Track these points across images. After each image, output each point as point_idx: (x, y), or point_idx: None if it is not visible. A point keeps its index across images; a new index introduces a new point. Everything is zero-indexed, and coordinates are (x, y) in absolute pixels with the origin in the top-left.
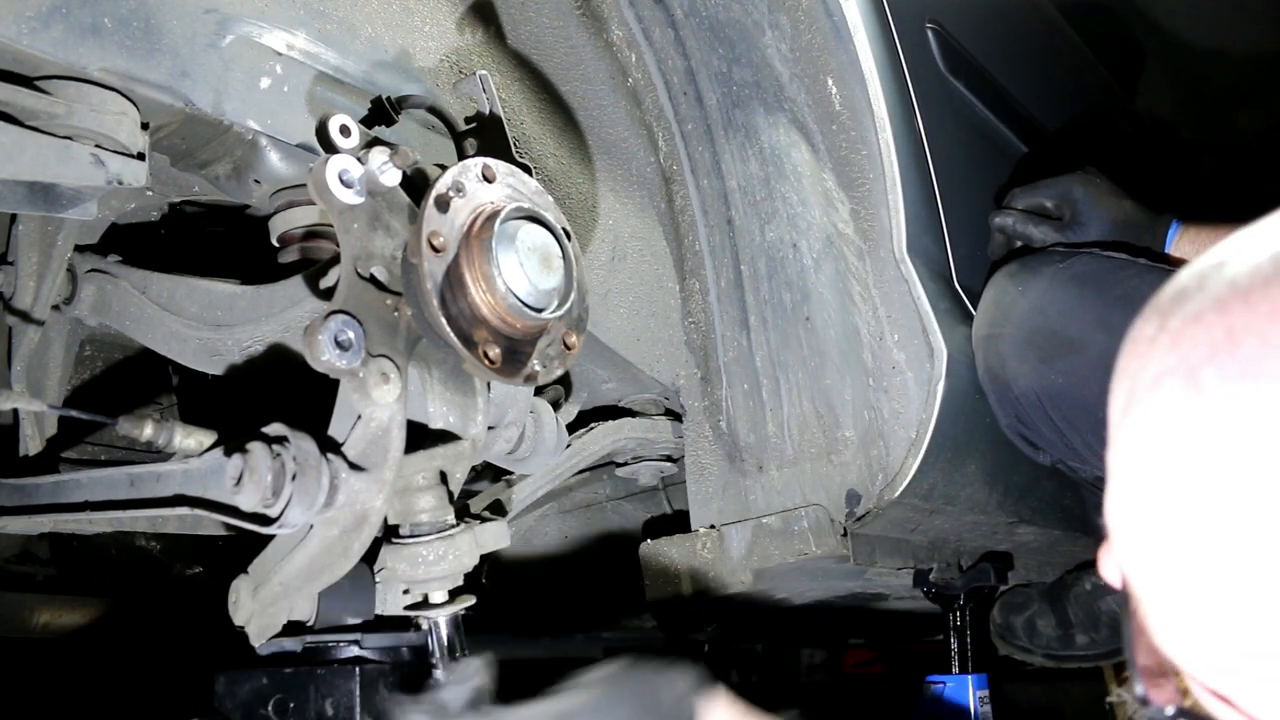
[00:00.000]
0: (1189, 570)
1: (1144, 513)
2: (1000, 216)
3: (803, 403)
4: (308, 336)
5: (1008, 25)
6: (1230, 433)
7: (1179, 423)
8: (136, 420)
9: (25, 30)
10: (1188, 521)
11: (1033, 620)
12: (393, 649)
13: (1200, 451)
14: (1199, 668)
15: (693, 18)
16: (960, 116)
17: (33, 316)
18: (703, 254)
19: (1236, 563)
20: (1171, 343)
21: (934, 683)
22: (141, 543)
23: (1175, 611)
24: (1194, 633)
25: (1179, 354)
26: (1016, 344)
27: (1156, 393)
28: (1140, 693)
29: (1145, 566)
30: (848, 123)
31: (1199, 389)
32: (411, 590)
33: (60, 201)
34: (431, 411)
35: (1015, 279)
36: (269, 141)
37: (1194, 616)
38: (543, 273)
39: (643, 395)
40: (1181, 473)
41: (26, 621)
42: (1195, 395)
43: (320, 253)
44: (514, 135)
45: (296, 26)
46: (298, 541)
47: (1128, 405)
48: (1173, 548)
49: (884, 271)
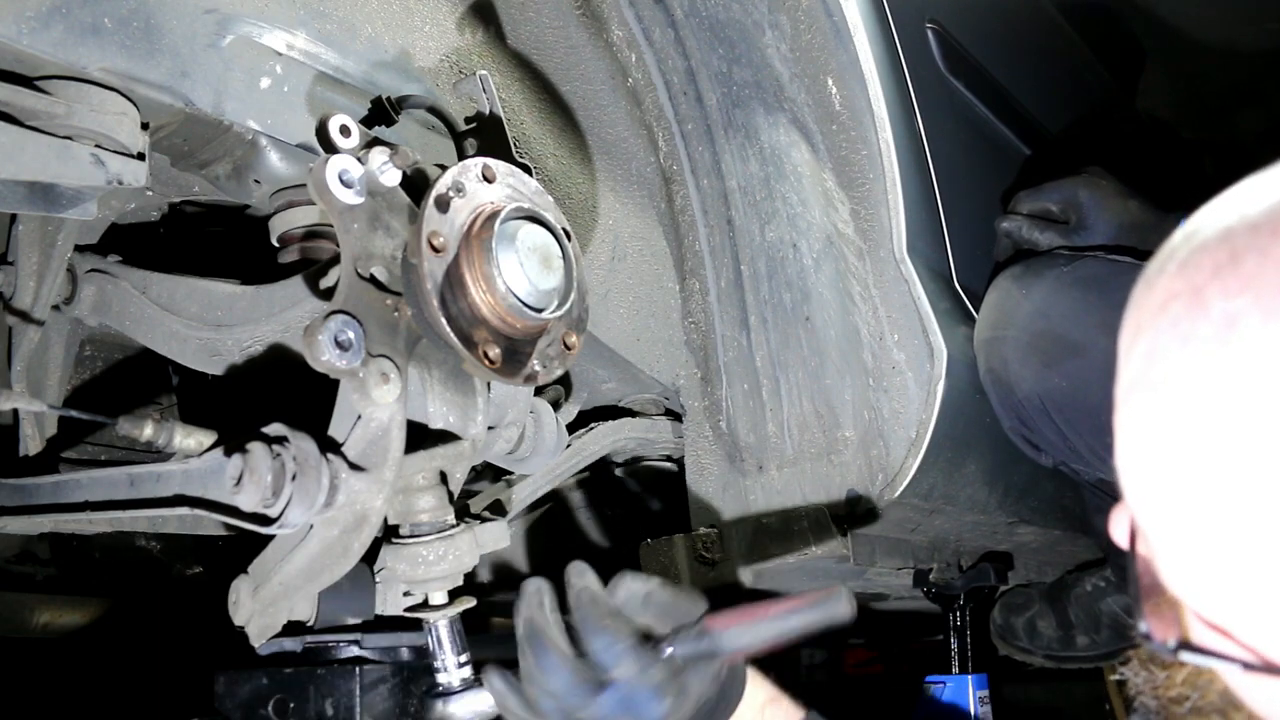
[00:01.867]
0: (1194, 494)
1: (1151, 438)
2: (1006, 221)
3: (803, 403)
4: (308, 336)
5: (1008, 25)
6: (1235, 349)
7: (1184, 342)
8: (136, 420)
9: (25, 30)
10: (1195, 444)
11: (1033, 621)
12: (393, 649)
13: (1205, 369)
14: (1202, 600)
15: (693, 18)
16: (960, 116)
17: (33, 316)
18: (703, 254)
19: (1241, 485)
20: (1178, 269)
21: (934, 683)
22: (141, 543)
23: (1180, 540)
24: (1198, 562)
25: (1185, 278)
26: (1020, 347)
27: (1162, 315)
28: (1144, 629)
29: (1151, 494)
30: (848, 123)
31: (1203, 306)
32: (412, 591)
33: (60, 201)
34: (431, 411)
35: (1019, 281)
36: (269, 141)
37: (1198, 545)
38: (543, 273)
39: (643, 395)
40: (1187, 393)
41: (26, 621)
42: (1199, 312)
43: (320, 253)
44: (514, 135)
45: (296, 26)
46: (298, 541)
47: (1135, 333)
48: (1179, 472)
49: (884, 271)
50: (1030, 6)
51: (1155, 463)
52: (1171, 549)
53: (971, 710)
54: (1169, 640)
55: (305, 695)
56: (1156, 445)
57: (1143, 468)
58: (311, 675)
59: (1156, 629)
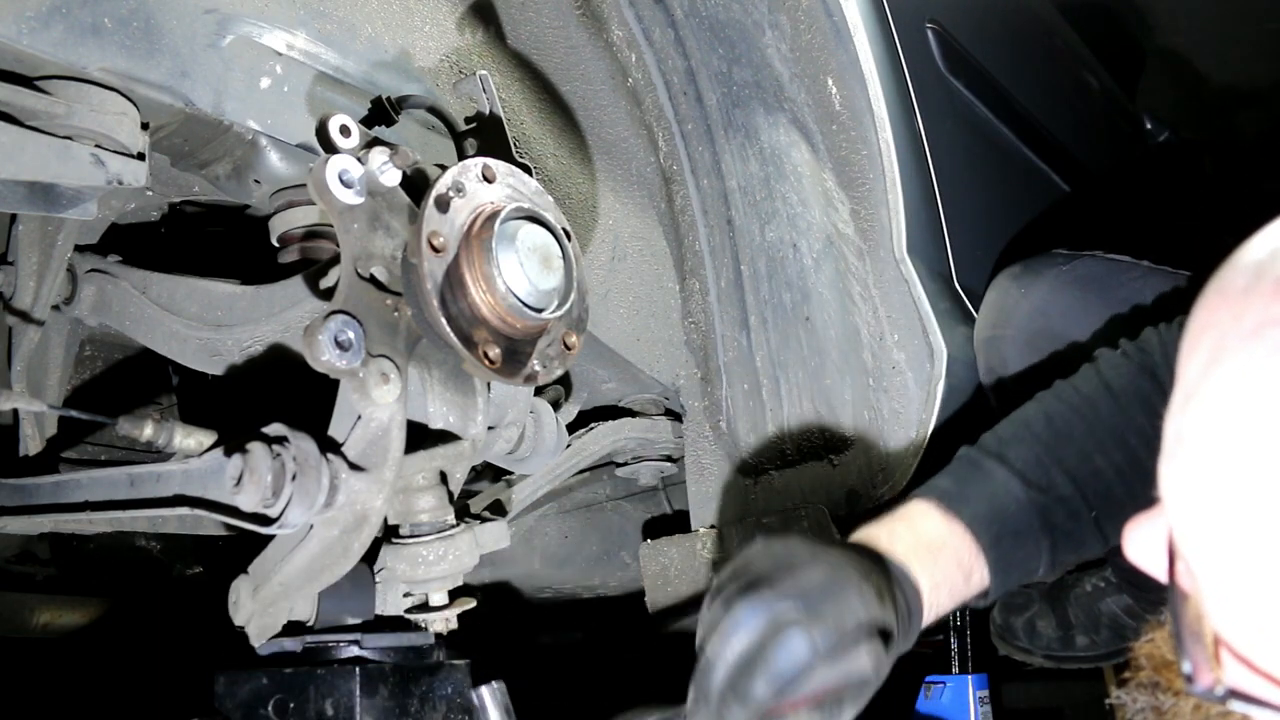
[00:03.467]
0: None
1: (1241, 473)
2: None
3: (803, 403)
4: (308, 336)
5: (1008, 25)
6: None
7: None
8: (136, 420)
9: (25, 30)
10: None
11: (1033, 621)
12: (393, 649)
13: None
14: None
15: (693, 18)
16: (960, 116)
17: (33, 316)
18: (703, 254)
19: None
20: (1274, 292)
21: (934, 683)
22: (141, 543)
23: (1249, 584)
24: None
25: None
26: (1019, 346)
27: (1257, 341)
28: (1187, 670)
29: (1214, 529)
30: (848, 123)
31: None
32: (412, 591)
33: (60, 201)
34: (431, 411)
35: (1018, 281)
36: (269, 141)
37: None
38: (543, 273)
39: (643, 395)
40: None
41: (26, 621)
42: None
43: (320, 253)
44: (514, 135)
45: (296, 26)
46: (298, 541)
47: (1216, 357)
48: (1255, 512)
49: (884, 271)
50: (1030, 7)
51: (1229, 497)
52: (1238, 596)
53: (971, 710)
54: (1217, 687)
55: (305, 695)
56: (1235, 478)
57: (1210, 501)
58: (311, 675)
59: (1201, 672)
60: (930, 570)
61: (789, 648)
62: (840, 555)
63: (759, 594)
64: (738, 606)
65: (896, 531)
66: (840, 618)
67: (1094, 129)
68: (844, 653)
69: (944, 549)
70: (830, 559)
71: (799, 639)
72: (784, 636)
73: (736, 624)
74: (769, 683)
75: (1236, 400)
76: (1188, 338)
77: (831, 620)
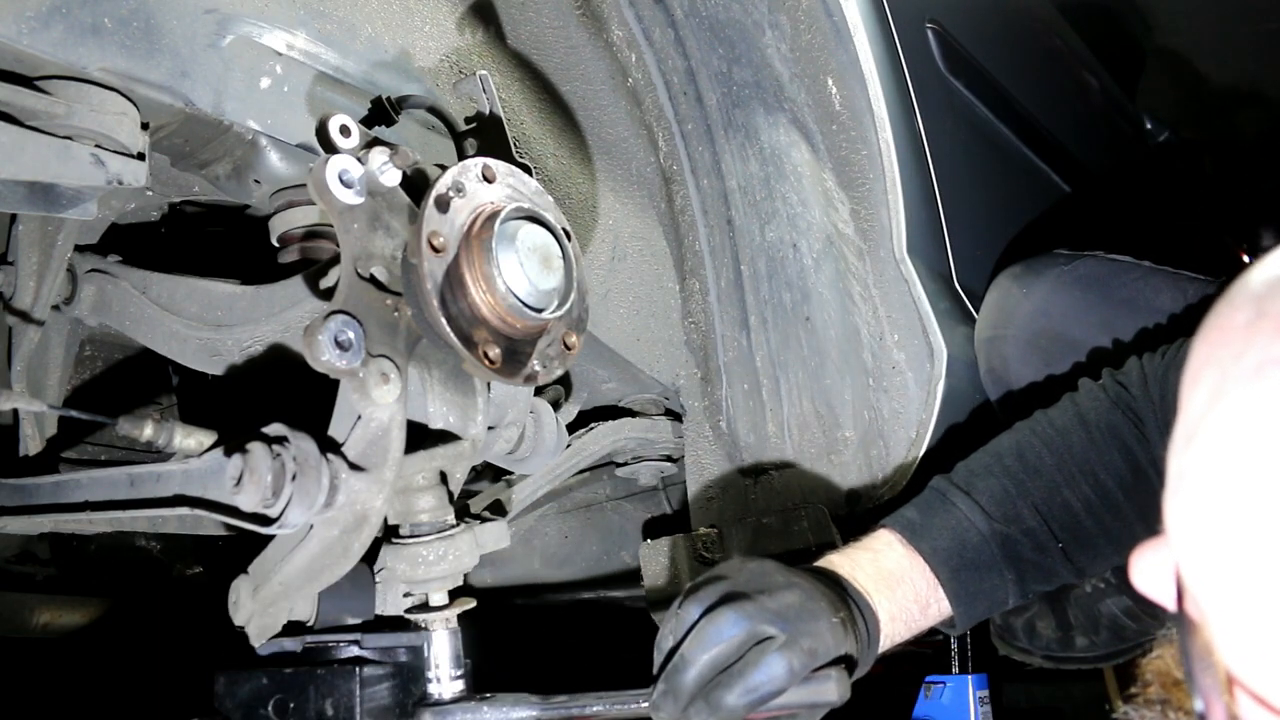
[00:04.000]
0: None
1: (1244, 510)
2: None
3: (803, 403)
4: (308, 336)
5: (1008, 25)
6: None
7: None
8: (136, 420)
9: (25, 30)
10: None
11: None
12: (392, 649)
13: None
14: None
15: (693, 18)
16: (960, 116)
17: (33, 316)
18: (703, 254)
19: None
20: (1275, 330)
21: (934, 683)
22: (141, 543)
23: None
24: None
25: None
26: (1020, 346)
27: (1259, 380)
28: (1199, 708)
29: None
30: (848, 123)
31: None
32: (412, 591)
33: (60, 201)
34: (431, 411)
35: (1019, 281)
36: (269, 141)
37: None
38: (543, 273)
39: (643, 395)
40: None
41: (26, 621)
42: None
43: (320, 253)
44: (514, 135)
45: (296, 26)
46: (298, 542)
47: (1218, 394)
48: (1263, 549)
49: (884, 271)
50: (1030, 6)
51: (1232, 535)
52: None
53: (971, 710)
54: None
55: (305, 695)
56: (1239, 516)
57: (1214, 538)
58: (311, 675)
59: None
60: (889, 602)
61: (768, 668)
62: (812, 585)
63: (742, 607)
64: (720, 614)
65: (859, 561)
66: (815, 646)
67: (1094, 129)
68: (815, 680)
69: (903, 582)
70: (805, 587)
71: (778, 662)
72: (764, 656)
73: (719, 631)
74: (741, 696)
75: (1238, 439)
76: (1189, 372)
77: (808, 647)
